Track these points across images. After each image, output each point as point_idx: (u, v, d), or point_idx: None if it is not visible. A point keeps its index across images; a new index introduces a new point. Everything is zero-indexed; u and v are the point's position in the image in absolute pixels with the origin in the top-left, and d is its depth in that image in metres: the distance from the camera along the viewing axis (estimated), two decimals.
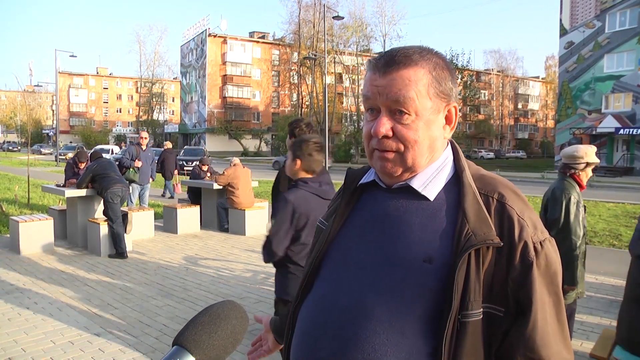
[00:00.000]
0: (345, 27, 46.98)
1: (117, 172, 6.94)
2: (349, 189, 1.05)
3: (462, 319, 0.83)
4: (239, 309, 0.73)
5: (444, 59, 0.94)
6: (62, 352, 3.59)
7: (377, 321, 0.87)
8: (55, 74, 37.66)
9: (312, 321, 0.95)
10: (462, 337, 0.83)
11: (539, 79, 74.74)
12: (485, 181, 0.94)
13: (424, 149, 0.92)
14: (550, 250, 0.88)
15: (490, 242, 0.85)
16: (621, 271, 5.21)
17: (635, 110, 29.22)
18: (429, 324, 0.85)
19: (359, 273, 0.92)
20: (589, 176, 3.17)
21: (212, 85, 56.71)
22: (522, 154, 62.31)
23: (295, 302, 1.03)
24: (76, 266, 6.13)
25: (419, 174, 0.95)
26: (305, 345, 0.94)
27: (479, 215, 0.88)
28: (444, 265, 0.86)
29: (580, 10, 31.98)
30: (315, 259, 1.01)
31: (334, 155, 43.87)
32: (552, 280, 0.88)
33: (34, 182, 15.37)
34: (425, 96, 0.90)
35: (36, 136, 74.77)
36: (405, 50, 0.92)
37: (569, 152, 3.18)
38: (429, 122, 0.92)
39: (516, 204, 0.90)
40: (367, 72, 0.96)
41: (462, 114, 55.74)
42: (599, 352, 2.66)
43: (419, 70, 0.90)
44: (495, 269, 0.86)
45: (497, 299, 0.86)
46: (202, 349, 0.66)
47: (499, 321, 0.86)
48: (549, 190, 3.19)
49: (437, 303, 0.85)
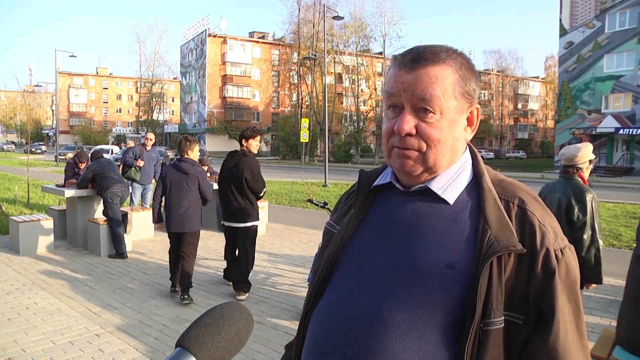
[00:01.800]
0: (345, 27, 46.99)
1: (117, 172, 6.94)
2: (364, 191, 1.01)
3: (485, 327, 0.81)
4: (243, 310, 0.72)
5: (468, 60, 0.93)
6: (62, 352, 3.59)
7: (396, 328, 0.84)
8: (55, 74, 37.62)
9: (326, 327, 0.92)
10: (484, 345, 0.81)
11: (538, 79, 74.71)
12: (504, 186, 0.92)
13: (447, 149, 0.90)
14: (571, 258, 0.86)
15: (513, 249, 0.83)
16: (621, 271, 5.21)
17: (635, 111, 29.22)
18: (450, 332, 0.83)
19: (377, 278, 0.89)
20: (588, 173, 3.26)
21: (212, 85, 56.70)
22: (522, 154, 62.33)
23: (307, 308, 0.99)
24: (76, 266, 6.13)
25: (439, 176, 0.92)
26: (319, 352, 0.91)
27: (500, 221, 0.86)
28: (466, 272, 0.83)
29: (580, 10, 31.98)
30: (327, 263, 0.97)
31: (334, 155, 43.86)
32: (573, 289, 0.86)
33: (34, 182, 15.36)
34: (450, 95, 0.89)
35: (36, 136, 74.72)
36: (433, 48, 0.90)
37: (573, 153, 3.20)
38: (452, 122, 0.90)
39: (537, 210, 0.88)
40: (391, 68, 0.93)
41: None
42: (598, 352, 2.66)
43: (446, 68, 0.88)
44: (516, 276, 0.84)
45: (517, 307, 0.84)
46: (205, 351, 0.65)
47: (518, 330, 0.84)
48: (563, 192, 3.17)
49: (459, 310, 0.83)
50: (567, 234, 3.17)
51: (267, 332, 4.00)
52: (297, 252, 7.09)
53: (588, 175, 3.26)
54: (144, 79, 65.54)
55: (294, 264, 6.39)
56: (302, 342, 0.98)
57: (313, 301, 0.98)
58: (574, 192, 3.12)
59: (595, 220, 3.07)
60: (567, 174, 3.20)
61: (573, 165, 3.16)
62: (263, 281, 5.56)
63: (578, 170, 3.17)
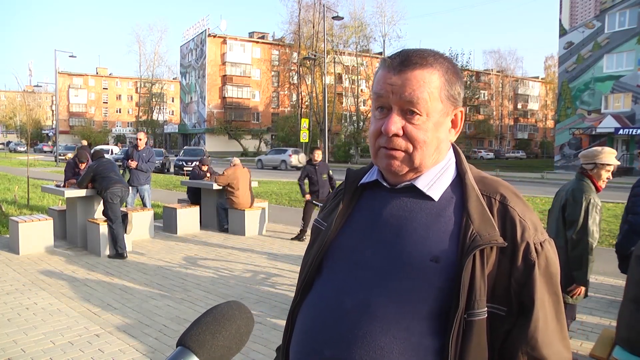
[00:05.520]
0: (345, 28, 47.02)
1: (117, 173, 6.94)
2: (351, 189, 1.04)
3: (468, 317, 0.85)
4: (244, 310, 0.72)
5: (454, 65, 0.97)
6: (62, 352, 3.59)
7: (383, 320, 0.87)
8: (55, 74, 37.62)
9: (314, 321, 0.95)
10: (468, 335, 0.85)
11: (538, 79, 74.76)
12: (486, 183, 0.96)
13: (432, 150, 0.94)
14: (550, 251, 0.90)
15: (495, 243, 0.87)
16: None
17: (634, 111, 29.23)
18: (435, 323, 0.87)
19: (364, 272, 0.92)
20: (602, 178, 3.13)
21: (212, 85, 56.71)
22: (521, 154, 62.36)
23: (295, 302, 1.03)
24: (76, 266, 6.13)
25: (424, 174, 0.96)
26: (308, 345, 0.94)
27: (482, 216, 0.89)
28: (450, 265, 0.87)
29: (579, 10, 31.99)
30: (316, 259, 1.00)
31: (334, 155, 43.86)
32: (552, 280, 0.90)
33: (34, 182, 15.36)
34: (437, 98, 0.92)
35: (36, 136, 74.74)
36: (421, 52, 0.94)
37: (584, 151, 3.22)
38: (438, 124, 0.94)
39: (518, 206, 0.92)
40: (380, 70, 0.96)
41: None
42: (598, 352, 2.66)
43: (433, 72, 0.92)
44: (497, 269, 0.88)
45: (499, 298, 0.88)
46: (206, 350, 0.65)
47: (501, 320, 0.88)
48: (566, 191, 3.19)
49: (443, 302, 0.87)
50: (562, 232, 3.17)
51: (267, 332, 4.00)
52: (297, 252, 7.09)
53: (601, 181, 3.13)
54: (144, 79, 65.48)
55: (294, 264, 6.39)
56: (291, 337, 1.01)
57: (301, 296, 1.01)
58: (573, 192, 3.12)
59: (589, 222, 3.01)
60: (578, 174, 3.20)
61: (588, 163, 3.15)
62: (263, 281, 5.56)
63: (591, 171, 3.12)
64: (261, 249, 7.26)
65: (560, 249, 3.15)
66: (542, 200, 13.76)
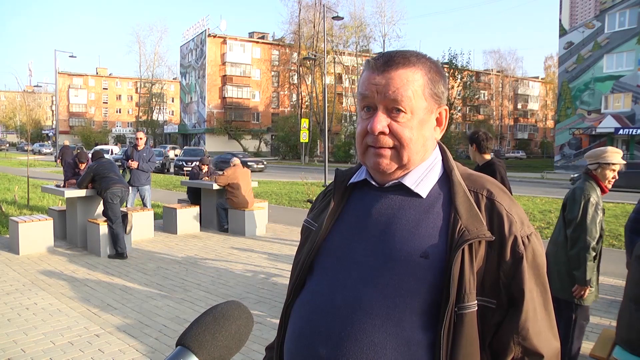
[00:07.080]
0: (345, 28, 47.05)
1: (118, 173, 6.94)
2: (340, 188, 1.06)
3: (459, 311, 0.87)
4: (243, 310, 0.72)
5: (437, 64, 0.99)
6: (62, 352, 3.59)
7: (375, 316, 0.88)
8: (55, 74, 37.65)
9: (308, 319, 0.96)
10: (459, 328, 0.87)
11: (538, 79, 74.77)
12: (473, 179, 0.98)
13: (418, 147, 0.96)
14: (536, 244, 0.93)
15: (483, 237, 0.89)
16: (621, 271, 5.22)
17: (634, 111, 29.24)
18: (427, 317, 0.88)
19: (356, 269, 0.94)
20: (608, 178, 3.12)
21: (212, 85, 56.68)
22: (521, 154, 62.36)
23: (287, 301, 1.04)
24: (76, 266, 6.13)
25: (411, 172, 0.98)
26: (302, 343, 0.95)
27: (470, 211, 0.92)
28: (439, 260, 0.89)
29: (579, 10, 32.01)
30: (307, 258, 1.01)
31: (334, 155, 43.89)
32: (539, 272, 0.92)
33: (34, 182, 15.36)
34: (421, 96, 0.94)
35: (36, 137, 74.74)
36: (403, 53, 0.97)
37: (590, 151, 3.23)
38: (422, 122, 0.96)
39: (504, 201, 0.94)
40: (365, 72, 0.98)
41: (461, 114, 55.78)
42: (598, 352, 2.67)
43: (416, 71, 0.94)
44: (486, 262, 0.90)
45: (489, 291, 0.90)
46: (206, 349, 0.65)
47: (491, 313, 0.90)
48: (571, 190, 3.22)
49: (433, 296, 0.88)
50: (563, 230, 3.17)
51: (267, 332, 4.00)
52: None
53: (608, 180, 3.12)
54: (144, 79, 65.50)
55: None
56: (284, 335, 1.03)
57: (294, 295, 1.03)
58: (574, 190, 3.13)
59: (587, 221, 3.01)
60: (584, 174, 3.20)
61: (592, 163, 3.15)
62: (263, 281, 5.56)
63: (595, 171, 3.12)
64: (261, 249, 7.26)
65: (562, 248, 3.15)
66: (542, 200, 13.76)
